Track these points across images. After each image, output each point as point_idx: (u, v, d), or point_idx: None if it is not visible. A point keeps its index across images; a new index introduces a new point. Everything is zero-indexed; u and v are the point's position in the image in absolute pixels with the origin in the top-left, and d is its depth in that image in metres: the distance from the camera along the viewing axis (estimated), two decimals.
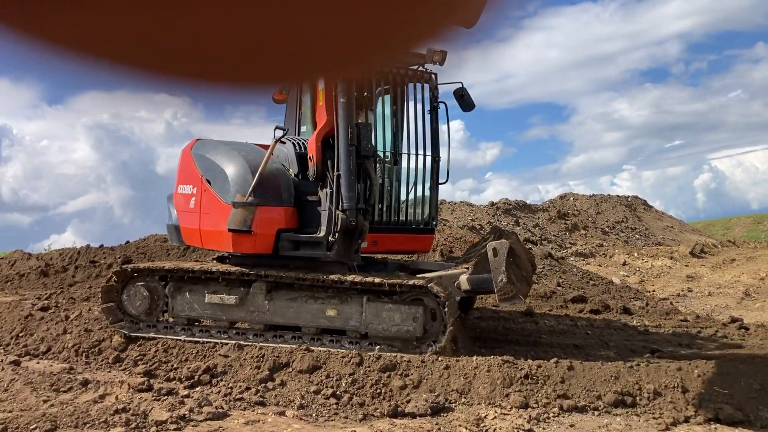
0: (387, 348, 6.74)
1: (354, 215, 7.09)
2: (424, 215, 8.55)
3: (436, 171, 8.46)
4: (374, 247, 8.09)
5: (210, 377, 6.17)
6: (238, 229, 7.22)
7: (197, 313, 7.54)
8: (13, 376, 6.17)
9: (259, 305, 7.23)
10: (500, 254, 6.47)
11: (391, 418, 5.26)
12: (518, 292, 6.46)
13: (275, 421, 5.14)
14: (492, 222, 20.05)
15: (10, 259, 16.39)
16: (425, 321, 6.72)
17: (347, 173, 7.10)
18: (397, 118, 8.56)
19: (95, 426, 4.92)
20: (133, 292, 7.61)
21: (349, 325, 6.98)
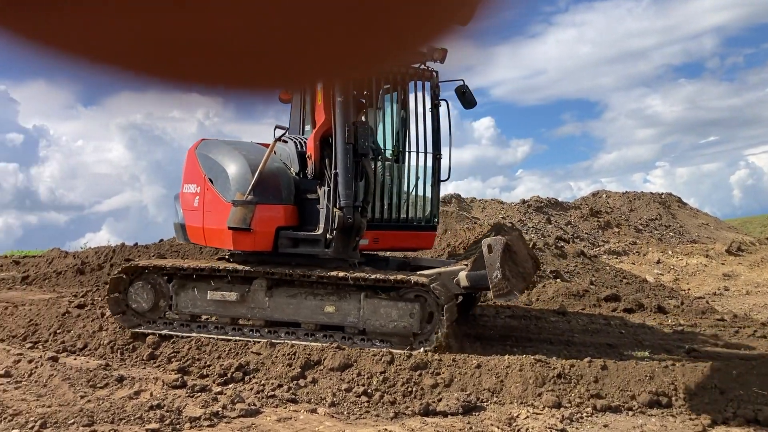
0: (384, 344, 6.80)
1: (351, 213, 7.17)
2: (426, 212, 8.61)
3: (437, 168, 8.54)
4: (376, 245, 8.21)
5: (243, 374, 6.23)
6: (237, 227, 7.37)
7: (200, 309, 7.70)
8: (51, 372, 6.30)
9: (260, 302, 7.35)
10: (495, 250, 6.50)
11: (422, 416, 5.25)
12: (513, 287, 6.46)
13: (307, 419, 5.17)
14: (523, 220, 19.91)
15: (47, 257, 16.75)
16: (422, 317, 6.75)
17: (344, 171, 7.19)
18: (401, 117, 8.65)
19: (131, 422, 4.99)
20: (139, 288, 7.82)
21: (347, 321, 7.04)
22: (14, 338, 8.01)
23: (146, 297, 7.80)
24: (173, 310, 7.78)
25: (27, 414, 5.14)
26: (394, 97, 8.73)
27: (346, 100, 7.24)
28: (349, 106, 7.30)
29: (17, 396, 5.69)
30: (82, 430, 4.80)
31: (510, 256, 6.72)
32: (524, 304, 10.45)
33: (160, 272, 7.89)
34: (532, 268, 7.95)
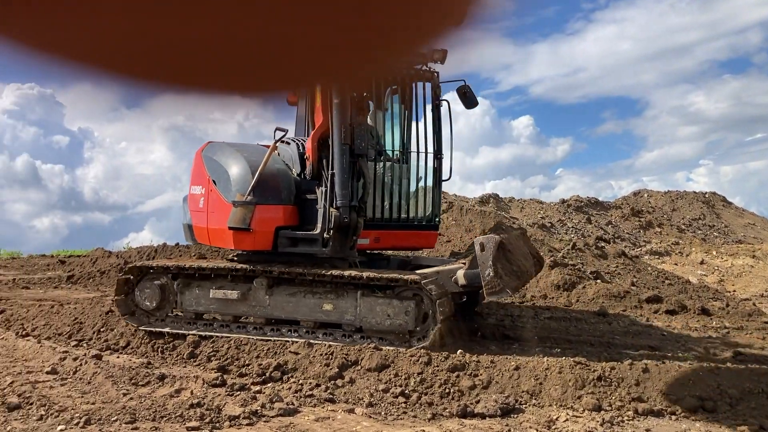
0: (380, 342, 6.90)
1: (347, 212, 7.32)
2: (427, 212, 8.68)
3: (439, 168, 8.62)
4: (377, 244, 8.34)
5: (281, 374, 6.28)
6: (237, 227, 7.58)
7: (204, 308, 7.92)
8: (95, 370, 6.44)
9: (261, 300, 7.54)
10: (487, 249, 6.57)
11: (460, 418, 5.22)
12: (506, 286, 6.50)
13: (345, 419, 5.18)
14: (563, 220, 19.67)
15: (92, 256, 17.15)
16: (417, 315, 6.85)
17: (341, 172, 7.33)
18: (405, 117, 8.79)
19: (172, 420, 5.07)
20: (146, 288, 8.10)
21: (345, 319, 7.18)
22: (60, 336, 8.22)
23: (153, 296, 8.05)
24: (178, 308, 8.04)
25: (72, 410, 5.26)
26: (398, 98, 8.85)
27: (343, 101, 7.34)
28: (346, 108, 7.40)
29: (63, 393, 5.83)
30: (125, 427, 4.89)
31: (504, 254, 6.75)
32: (563, 305, 10.32)
33: (165, 272, 8.16)
34: (532, 266, 7.98)
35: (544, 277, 11.40)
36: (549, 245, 13.23)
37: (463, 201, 17.37)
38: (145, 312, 8.07)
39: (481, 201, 19.19)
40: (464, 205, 16.20)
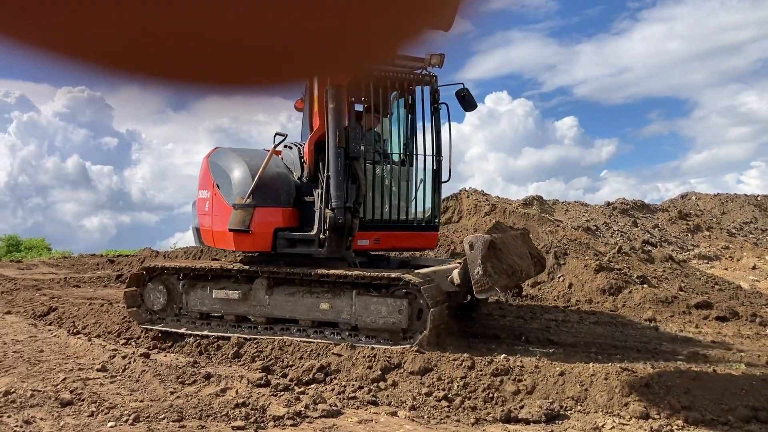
0: (374, 339, 7.13)
1: (342, 214, 7.56)
2: (427, 213, 8.89)
3: (438, 171, 8.81)
4: (377, 245, 8.53)
5: (324, 375, 6.31)
6: (237, 229, 7.86)
7: (208, 307, 8.21)
8: (143, 368, 6.57)
9: (261, 300, 7.80)
10: (476, 248, 6.72)
11: (503, 423, 5.18)
12: (495, 284, 6.64)
13: (387, 421, 5.18)
14: (608, 222, 19.34)
15: (139, 256, 17.52)
16: (410, 314, 7.00)
17: (336, 174, 7.57)
18: (408, 121, 9.00)
19: (217, 419, 5.14)
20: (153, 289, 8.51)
21: (341, 317, 7.38)
22: (109, 334, 8.43)
23: (160, 296, 8.45)
24: (184, 308, 8.35)
25: (121, 407, 5.38)
26: (402, 103, 9.02)
27: (338, 106, 7.55)
28: (342, 112, 7.61)
29: (112, 390, 5.97)
30: (172, 425, 4.98)
31: (495, 253, 6.90)
32: (609, 310, 10.15)
33: (172, 273, 8.50)
34: (530, 266, 8.13)
35: (589, 282, 11.23)
36: (594, 249, 13.02)
37: (506, 203, 17.20)
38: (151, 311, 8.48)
39: (524, 203, 18.97)
40: (507, 207, 16.05)
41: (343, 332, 7.34)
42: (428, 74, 8.75)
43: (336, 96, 7.59)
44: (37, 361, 7.06)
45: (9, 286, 13.40)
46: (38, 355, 7.37)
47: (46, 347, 7.80)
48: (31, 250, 32.17)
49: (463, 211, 16.20)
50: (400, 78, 8.53)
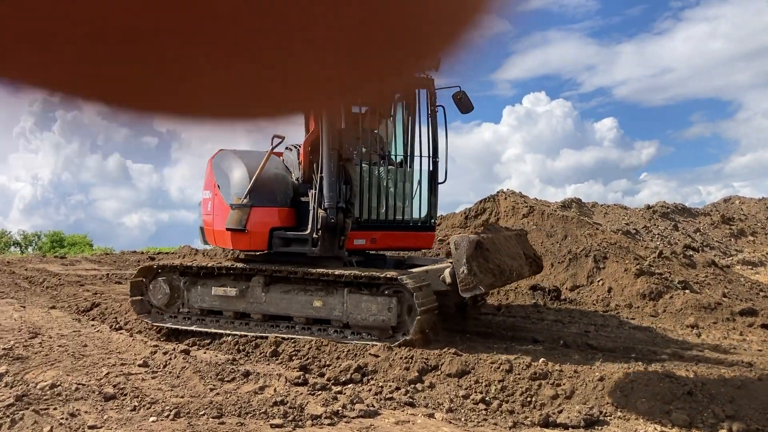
0: (366, 337, 7.36)
1: (334, 214, 7.83)
2: (423, 214, 9.14)
3: (435, 172, 9.06)
4: (373, 244, 8.82)
5: (361, 376, 6.33)
6: (234, 228, 8.22)
7: (208, 304, 8.50)
8: (184, 365, 6.68)
9: (258, 297, 8.09)
10: (461, 247, 6.93)
11: (542, 427, 5.13)
12: (479, 282, 6.82)
13: (425, 423, 5.17)
14: (648, 226, 19.02)
15: (179, 253, 17.79)
16: (399, 311, 7.19)
17: (329, 175, 7.83)
18: (408, 123, 9.31)
19: (256, 416, 5.20)
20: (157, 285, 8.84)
21: (333, 314, 7.63)
22: (150, 330, 8.58)
23: (163, 293, 8.78)
24: (185, 304, 8.69)
25: (162, 403, 5.47)
26: (403, 105, 9.35)
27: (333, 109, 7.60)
28: (336, 115, 7.72)
29: (154, 385, 6.08)
30: (212, 422, 5.05)
31: (481, 252, 7.09)
32: (650, 314, 9.98)
33: (175, 271, 8.85)
34: (523, 267, 8.31)
35: (629, 286, 11.06)
36: (634, 252, 12.81)
37: (544, 205, 17.04)
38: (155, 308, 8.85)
39: (563, 206, 18.78)
40: (545, 209, 15.89)
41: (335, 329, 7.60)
42: (426, 77, 8.94)
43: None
44: (81, 355, 7.22)
45: (53, 281, 13.74)
46: (82, 349, 7.54)
47: (90, 342, 7.98)
48: (73, 246, 32.97)
49: (501, 213, 16.10)
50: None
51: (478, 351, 6.84)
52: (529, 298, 11.24)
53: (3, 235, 36.28)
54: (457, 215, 16.59)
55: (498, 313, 10.36)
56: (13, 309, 10.50)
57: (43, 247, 34.33)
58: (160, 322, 8.69)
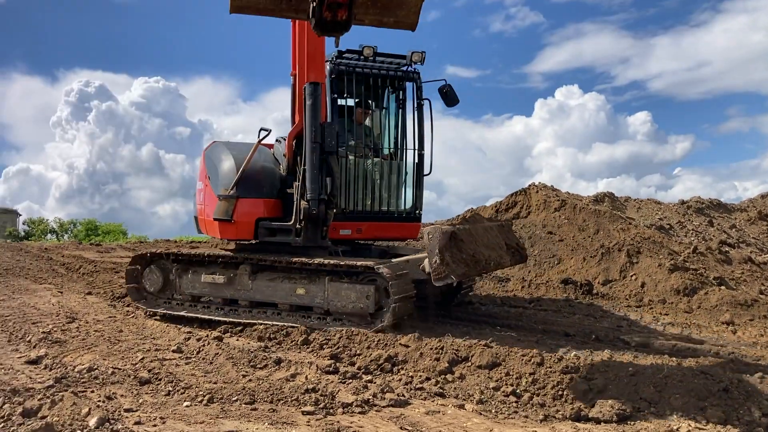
0: (346, 323, 7.68)
1: (316, 205, 8.06)
2: (408, 205, 9.54)
3: (421, 164, 9.42)
4: (359, 234, 9.21)
5: (391, 365, 6.35)
6: (221, 218, 8.62)
7: (198, 291, 8.88)
8: (216, 351, 6.77)
9: (245, 284, 8.43)
10: (433, 238, 7.10)
11: (573, 421, 5.09)
12: (451, 272, 6.99)
13: (455, 414, 5.18)
14: (683, 221, 18.70)
15: (211, 243, 17.98)
16: (377, 299, 7.49)
17: (311, 167, 8.03)
18: (398, 116, 9.65)
19: (288, 403, 5.25)
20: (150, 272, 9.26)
21: (315, 302, 7.95)
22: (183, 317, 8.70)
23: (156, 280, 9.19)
24: (177, 291, 9.07)
25: (196, 388, 5.56)
26: (394, 98, 9.72)
27: (315, 102, 7.99)
28: (318, 108, 8.04)
29: (188, 371, 6.17)
30: (244, 407, 5.11)
31: (455, 243, 7.29)
32: (684, 311, 9.84)
33: (168, 258, 9.18)
34: (502, 256, 8.54)
35: (663, 281, 10.92)
36: (668, 248, 12.64)
37: (576, 199, 16.86)
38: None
39: (595, 200, 18.55)
40: (577, 203, 15.72)
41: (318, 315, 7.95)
42: (413, 71, 9.38)
43: (313, 93, 8.01)
44: (116, 340, 7.36)
45: (89, 268, 14.02)
46: (118, 335, 7.69)
47: (125, 328, 8.13)
48: (108, 234, 33.53)
49: (532, 207, 15.98)
50: (390, 74, 9.25)
51: (509, 343, 6.81)
52: (560, 291, 11.15)
53: (40, 222, 37.10)
54: (488, 209, 16.51)
55: (529, 306, 10.31)
56: (50, 294, 10.75)
57: (79, 235, 35.01)
58: (154, 307, 9.07)
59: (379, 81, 9.31)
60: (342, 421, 4.87)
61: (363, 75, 9.17)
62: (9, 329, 7.84)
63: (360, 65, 9.19)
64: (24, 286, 12.07)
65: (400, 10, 5.23)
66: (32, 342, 7.15)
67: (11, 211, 37.33)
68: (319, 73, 8.32)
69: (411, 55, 9.11)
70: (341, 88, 9.10)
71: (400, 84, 9.57)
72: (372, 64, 9.24)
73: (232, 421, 4.77)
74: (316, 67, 8.29)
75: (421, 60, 9.14)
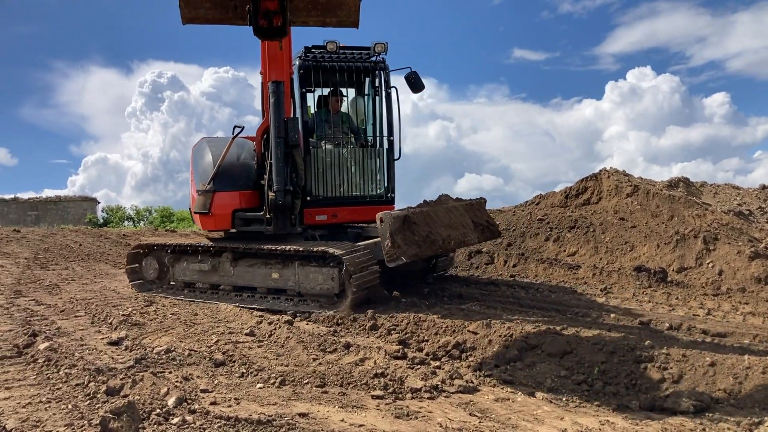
0: (314, 304, 8.32)
1: (282, 196, 8.59)
2: (381, 189, 10.27)
3: (391, 150, 10.14)
4: (335, 219, 9.89)
5: (459, 352, 6.34)
6: (200, 212, 9.43)
7: (189, 277, 9.76)
8: (288, 334, 6.91)
9: (227, 271, 9.26)
10: (385, 222, 7.75)
11: (647, 411, 4.97)
12: (402, 254, 7.66)
13: (525, 401, 5.13)
14: (763, 207, 17.89)
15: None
16: (341, 281, 8.10)
17: (276, 161, 8.56)
18: (377, 104, 10.25)
19: (357, 387, 5.32)
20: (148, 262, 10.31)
21: (288, 285, 8.62)
22: None
23: (154, 268, 10.21)
24: (172, 278, 10.02)
25: (269, 370, 5.70)
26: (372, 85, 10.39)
27: (278, 99, 8.52)
28: (281, 105, 8.55)
29: (260, 354, 6.33)
30: (315, 390, 5.21)
31: (409, 226, 7.88)
32: (765, 300, 9.42)
33: (162, 248, 10.18)
34: (467, 234, 9.12)
35: (742, 269, 10.50)
36: (748, 234, 12.12)
37: (649, 184, 16.33)
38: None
39: (669, 185, 17.92)
40: (651, 188, 15.23)
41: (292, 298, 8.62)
42: (379, 61, 10.07)
43: (275, 91, 8.54)
44: (192, 323, 7.62)
45: None
46: (193, 317, 7.95)
47: (200, 311, 8.40)
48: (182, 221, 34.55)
49: (603, 192, 15.58)
50: (356, 66, 10.00)
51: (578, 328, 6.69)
52: (633, 279, 10.87)
53: (118, 209, 38.53)
54: (557, 194, 16.19)
55: (601, 294, 10.09)
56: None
57: (154, 222, 36.23)
58: (153, 293, 9.92)
59: (345, 74, 9.98)
60: (411, 406, 4.90)
61: (329, 69, 9.88)
62: (92, 311, 8.23)
63: (327, 59, 9.90)
64: (105, 270, 12.62)
65: (339, 11, 5.71)
66: (113, 324, 7.48)
67: (91, 199, 38.89)
68: (281, 72, 8.70)
69: (374, 46, 9.79)
70: (309, 83, 9.86)
71: (366, 75, 10.32)
72: (338, 57, 9.93)
73: (304, 403, 4.87)
74: (276, 66, 8.68)
75: (384, 50, 9.82)
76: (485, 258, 13.33)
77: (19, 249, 15.28)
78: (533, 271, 12.35)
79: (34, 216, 36.64)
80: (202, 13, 5.59)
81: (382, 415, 4.66)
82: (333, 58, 9.88)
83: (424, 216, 8.29)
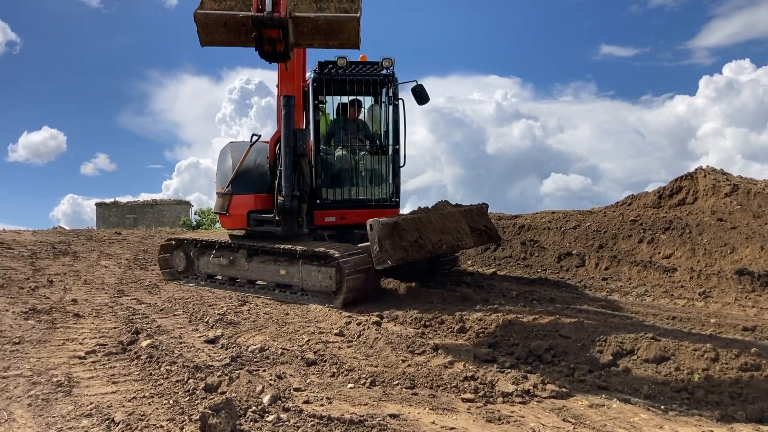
0: (315, 299, 9.05)
1: (290, 200, 9.50)
2: (384, 194, 11.07)
3: (397, 157, 10.91)
4: (343, 221, 10.75)
5: (551, 356, 6.21)
6: (219, 212, 10.62)
7: (210, 270, 10.91)
8: (376, 335, 6.96)
9: (243, 266, 10.28)
10: (374, 229, 8.34)
11: (756, 423, 4.72)
12: (388, 258, 8.24)
13: (620, 408, 4.98)
14: None
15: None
16: (338, 279, 8.82)
17: (285, 168, 9.45)
18: (392, 114, 10.93)
19: (447, 389, 5.30)
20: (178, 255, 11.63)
21: (293, 281, 9.56)
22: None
23: (182, 260, 11.49)
24: (197, 270, 11.23)
25: (359, 371, 5.76)
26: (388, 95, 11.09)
27: (289, 112, 9.38)
28: (292, 118, 9.41)
29: (350, 354, 6.41)
30: (405, 392, 5.22)
31: (397, 232, 8.50)
32: None
33: (191, 243, 11.44)
34: (461, 239, 9.73)
35: None
36: None
37: (750, 183, 15.51)
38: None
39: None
40: (752, 188, 14.45)
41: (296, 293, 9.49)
42: (388, 75, 10.82)
43: (286, 104, 9.41)
44: (284, 322, 7.80)
45: None
46: (285, 317, 8.14)
47: (291, 311, 8.59)
48: None
49: (699, 192, 14.92)
50: (365, 80, 10.80)
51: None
52: (734, 283, 10.35)
53: (210, 212, 39.95)
54: (650, 195, 15.62)
55: (699, 297, 9.67)
56: None
57: None
58: (181, 282, 11.17)
59: (355, 87, 10.89)
60: (502, 410, 4.84)
61: (340, 82, 10.78)
62: (189, 311, 8.56)
63: (339, 74, 10.73)
64: None
65: (341, 35, 6.25)
66: (209, 323, 7.76)
67: (185, 202, 40.49)
68: (291, 87, 9.55)
69: (382, 61, 10.68)
70: (322, 95, 10.77)
71: (375, 87, 11.17)
72: (350, 72, 10.76)
73: (395, 404, 4.90)
74: (287, 83, 9.55)
75: (390, 65, 10.69)
76: (576, 260, 13.01)
77: (120, 250, 16.09)
78: (626, 274, 11.95)
79: (132, 219, 38.53)
80: (217, 37, 6.20)
81: (474, 419, 4.63)
82: (345, 72, 10.77)
83: (414, 222, 8.93)
